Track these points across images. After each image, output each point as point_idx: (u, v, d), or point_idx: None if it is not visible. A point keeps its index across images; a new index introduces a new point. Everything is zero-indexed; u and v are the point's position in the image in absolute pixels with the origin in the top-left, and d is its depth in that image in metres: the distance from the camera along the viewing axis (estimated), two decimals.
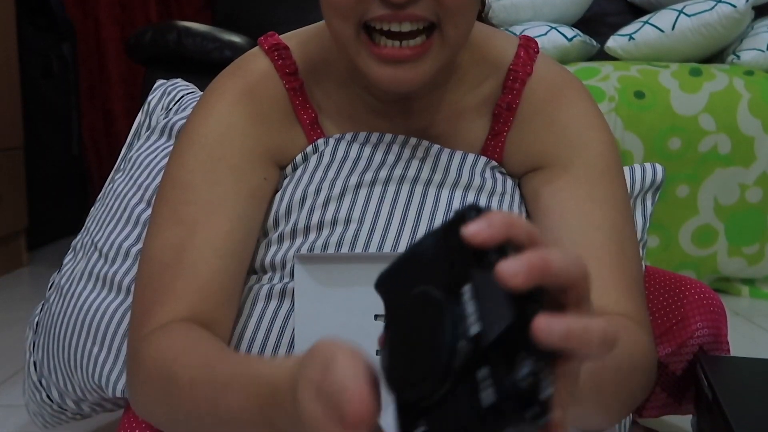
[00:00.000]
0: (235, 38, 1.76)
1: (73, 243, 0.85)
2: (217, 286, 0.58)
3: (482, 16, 0.76)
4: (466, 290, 0.31)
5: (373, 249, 0.64)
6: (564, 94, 0.67)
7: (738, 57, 1.73)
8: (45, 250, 2.26)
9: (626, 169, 0.79)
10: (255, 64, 0.67)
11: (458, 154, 0.67)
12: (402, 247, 0.65)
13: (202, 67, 1.73)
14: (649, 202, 0.80)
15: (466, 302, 0.31)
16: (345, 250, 0.64)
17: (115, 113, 2.62)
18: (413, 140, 0.67)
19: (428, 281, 0.33)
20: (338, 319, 0.60)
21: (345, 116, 0.68)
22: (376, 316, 0.60)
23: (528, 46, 0.69)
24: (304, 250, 0.64)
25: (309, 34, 0.69)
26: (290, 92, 0.67)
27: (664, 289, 0.82)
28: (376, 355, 0.60)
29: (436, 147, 0.67)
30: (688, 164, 1.57)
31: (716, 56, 1.85)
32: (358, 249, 0.64)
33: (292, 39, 0.69)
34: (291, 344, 0.62)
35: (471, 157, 0.67)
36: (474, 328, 0.30)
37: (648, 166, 0.79)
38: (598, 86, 1.60)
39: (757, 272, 1.64)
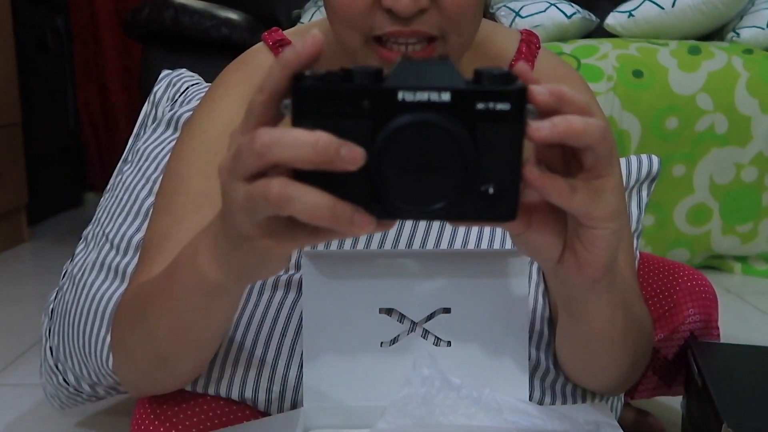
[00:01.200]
0: (232, 15, 1.75)
1: (84, 233, 0.87)
2: None
3: (484, 11, 0.76)
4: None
5: (374, 243, 0.66)
6: (567, 83, 0.69)
7: (738, 35, 1.72)
8: (45, 225, 2.28)
9: (622, 160, 0.80)
10: (259, 59, 0.68)
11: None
12: (402, 242, 0.67)
13: (200, 44, 1.72)
14: (644, 193, 0.81)
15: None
16: (346, 244, 0.65)
17: (111, 86, 2.62)
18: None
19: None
20: (344, 311, 0.62)
21: None
22: (381, 310, 0.62)
23: (530, 41, 0.70)
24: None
25: (311, 30, 0.69)
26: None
27: (657, 276, 0.85)
28: (380, 347, 0.62)
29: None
30: (684, 144, 1.58)
31: (716, 33, 1.85)
32: (360, 243, 0.65)
33: (295, 35, 0.69)
34: (297, 332, 0.64)
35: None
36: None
37: (644, 157, 0.81)
38: (597, 65, 1.60)
39: (750, 250, 1.66)
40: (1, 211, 1.92)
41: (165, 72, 0.91)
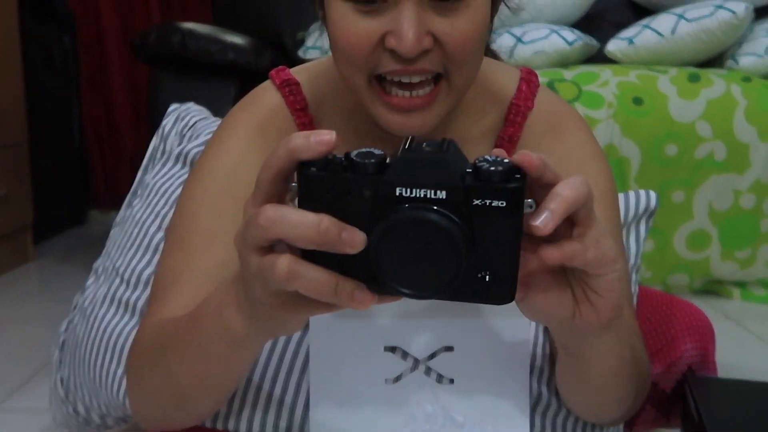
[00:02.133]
0: (238, 40, 1.78)
1: (95, 266, 0.88)
2: None
3: (486, 47, 0.79)
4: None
5: None
6: (563, 126, 0.70)
7: (736, 62, 1.75)
8: (50, 243, 2.29)
9: (621, 196, 0.81)
10: (267, 99, 0.70)
11: None
12: None
13: (206, 67, 1.75)
14: (642, 228, 0.82)
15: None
16: None
17: (116, 103, 2.64)
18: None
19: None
20: (350, 348, 0.64)
21: (352, 147, 0.70)
22: (385, 348, 0.64)
23: (529, 80, 0.72)
24: None
25: (318, 69, 0.72)
26: (300, 128, 0.70)
27: (655, 310, 0.86)
28: (385, 384, 0.64)
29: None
30: (684, 170, 1.60)
31: (715, 59, 1.87)
32: None
33: (302, 74, 0.71)
34: (303, 369, 0.65)
35: None
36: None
37: (642, 192, 0.82)
38: (597, 92, 1.63)
39: (749, 275, 1.68)
40: (7, 231, 1.94)
41: (173, 106, 0.93)
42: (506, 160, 0.39)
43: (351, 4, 0.56)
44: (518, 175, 0.39)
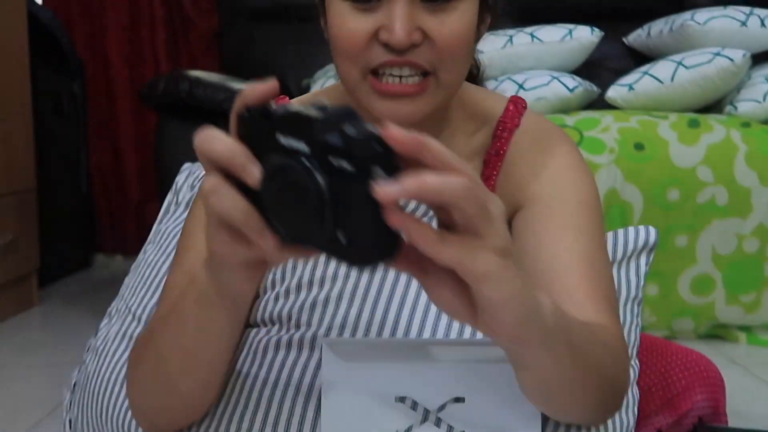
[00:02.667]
0: (244, 87, 1.81)
1: (108, 309, 0.90)
2: None
3: (477, 80, 0.83)
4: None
5: (370, 299, 0.69)
6: (548, 140, 0.74)
7: (735, 108, 1.78)
8: (55, 288, 2.29)
9: (620, 231, 0.82)
10: None
11: None
12: (414, 328, 0.69)
13: (213, 114, 1.78)
14: (643, 261, 0.82)
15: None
16: (345, 301, 0.69)
17: (124, 150, 2.67)
18: (412, 204, 0.73)
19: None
20: (361, 399, 0.64)
21: None
22: (396, 398, 0.64)
23: (517, 102, 0.76)
24: (308, 303, 0.69)
25: (312, 93, 0.78)
26: None
27: (665, 360, 0.86)
28: None
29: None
30: (686, 215, 1.62)
31: (714, 105, 1.90)
32: (357, 300, 0.69)
33: (302, 101, 0.75)
34: (315, 420, 0.65)
35: None
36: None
37: (641, 228, 0.83)
38: (599, 138, 1.65)
39: (755, 320, 1.68)
40: (13, 277, 1.94)
41: (186, 165, 0.97)
42: (376, 132, 0.39)
43: (349, 3, 0.62)
44: (380, 147, 0.39)
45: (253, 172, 0.43)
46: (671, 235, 1.62)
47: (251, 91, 0.45)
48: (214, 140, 0.44)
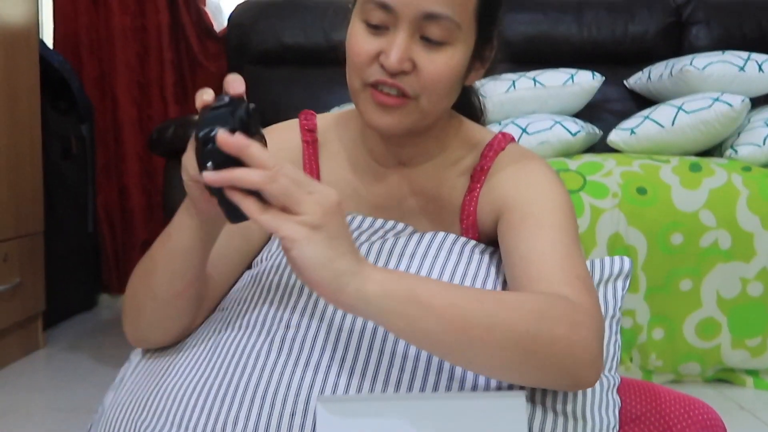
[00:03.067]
0: None
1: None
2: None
3: (480, 122, 0.95)
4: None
5: (378, 383, 0.71)
6: (525, 161, 0.85)
7: (736, 151, 1.80)
8: (60, 329, 2.30)
9: (597, 260, 0.89)
10: (287, 136, 0.89)
11: (439, 236, 0.82)
12: (404, 383, 0.71)
13: None
14: (619, 286, 0.89)
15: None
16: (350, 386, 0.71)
17: (130, 189, 2.69)
18: (400, 225, 0.84)
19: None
20: None
21: (349, 172, 0.88)
22: None
23: (505, 134, 0.89)
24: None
25: (333, 113, 0.92)
26: (304, 144, 0.89)
27: (669, 409, 0.87)
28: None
29: (417, 235, 0.82)
30: (690, 259, 1.62)
31: (715, 148, 1.92)
32: (366, 381, 0.71)
33: (324, 118, 0.91)
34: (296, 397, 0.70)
35: (450, 237, 0.82)
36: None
37: (616, 258, 0.90)
38: (602, 182, 1.67)
39: (761, 363, 1.67)
40: (19, 320, 1.95)
41: None
42: (220, 132, 0.59)
43: (365, 26, 0.76)
44: (213, 147, 0.59)
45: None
46: (676, 279, 1.63)
47: (207, 91, 0.63)
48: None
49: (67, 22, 2.63)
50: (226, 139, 0.58)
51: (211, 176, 0.59)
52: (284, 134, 0.88)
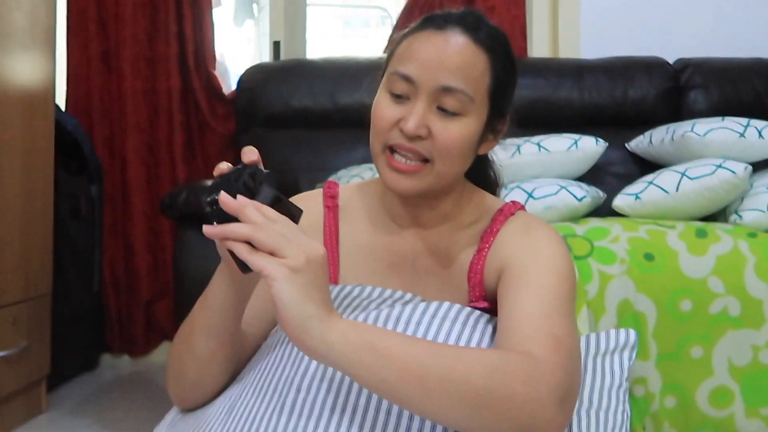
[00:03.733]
0: None
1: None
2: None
3: (495, 190, 1.05)
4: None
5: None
6: (533, 228, 0.91)
7: (740, 217, 1.82)
8: (62, 392, 2.27)
9: (603, 333, 0.94)
10: (312, 202, 0.97)
11: (444, 305, 0.86)
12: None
13: None
14: (626, 356, 0.94)
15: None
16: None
17: (136, 249, 2.70)
18: (408, 295, 0.88)
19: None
20: None
21: (369, 234, 0.95)
22: None
23: (515, 202, 0.97)
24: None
25: (355, 183, 1.01)
26: (325, 209, 0.96)
27: None
28: None
29: (423, 304, 0.86)
30: (700, 326, 1.63)
31: (719, 212, 1.95)
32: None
33: (347, 189, 0.99)
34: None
35: (455, 307, 0.86)
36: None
37: (621, 330, 0.96)
38: (609, 248, 1.68)
39: None
40: (24, 384, 1.93)
41: None
42: (222, 195, 0.71)
43: (389, 95, 0.87)
44: (216, 208, 0.71)
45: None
46: (686, 346, 1.63)
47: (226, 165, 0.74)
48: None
49: (80, 84, 2.69)
50: (225, 201, 0.69)
51: (209, 230, 0.70)
52: (307, 202, 0.96)
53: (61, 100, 2.70)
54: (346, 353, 0.68)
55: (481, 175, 1.02)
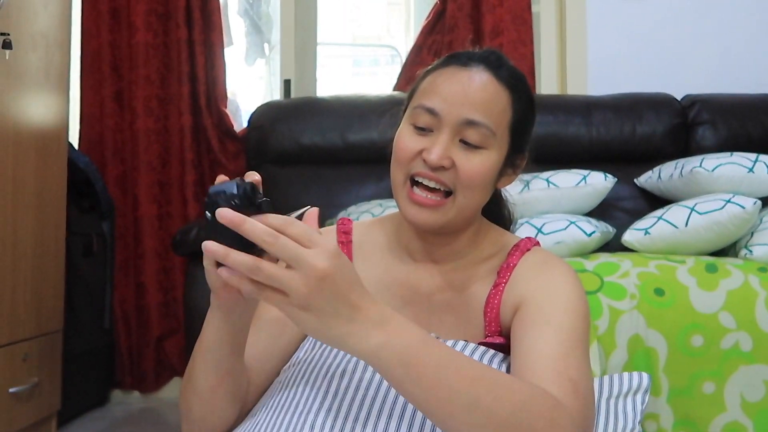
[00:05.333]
0: None
1: None
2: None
3: (509, 227, 1.06)
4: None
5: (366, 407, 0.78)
6: (550, 264, 0.92)
7: (750, 251, 1.81)
8: (73, 428, 2.27)
9: (616, 375, 0.95)
10: (325, 227, 0.97)
11: (459, 344, 0.86)
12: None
13: None
14: (639, 400, 0.96)
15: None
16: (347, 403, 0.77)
17: (147, 286, 2.71)
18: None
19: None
20: None
21: (382, 269, 0.95)
22: None
23: (531, 239, 0.98)
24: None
25: (369, 220, 1.02)
26: (339, 244, 0.96)
27: None
28: None
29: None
30: (712, 361, 1.61)
31: (729, 247, 1.94)
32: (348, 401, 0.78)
33: (360, 226, 1.00)
34: None
35: (469, 347, 0.87)
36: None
37: (635, 374, 0.98)
38: (619, 283, 1.68)
39: None
40: (36, 420, 1.93)
41: None
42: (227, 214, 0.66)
43: (413, 128, 0.89)
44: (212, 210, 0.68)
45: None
46: (698, 382, 1.61)
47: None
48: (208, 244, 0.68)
49: (93, 124, 2.74)
50: (224, 213, 0.65)
51: (223, 270, 0.67)
52: (323, 235, 0.96)
53: (74, 139, 2.76)
54: (377, 365, 0.69)
55: (496, 211, 1.04)
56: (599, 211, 2.19)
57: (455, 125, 0.87)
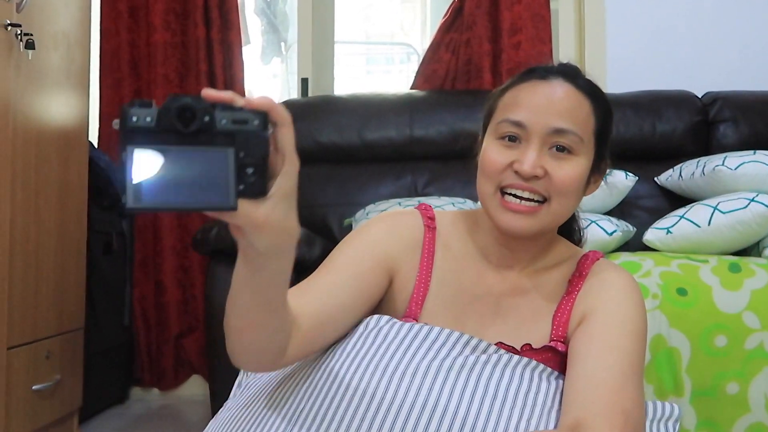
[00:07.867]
0: None
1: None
2: (320, 305, 0.85)
3: (579, 243, 1.10)
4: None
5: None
6: (619, 274, 0.95)
7: None
8: (92, 426, 2.29)
9: (649, 403, 0.94)
10: (407, 218, 0.99)
11: (505, 357, 0.87)
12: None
13: None
14: (671, 427, 0.95)
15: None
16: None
17: (166, 284, 2.73)
18: (483, 344, 0.87)
19: None
20: None
21: (461, 259, 0.97)
22: None
23: (596, 252, 1.02)
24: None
25: (448, 212, 1.03)
26: (425, 227, 0.98)
27: None
28: None
29: (496, 355, 0.86)
30: (735, 361, 1.60)
31: (752, 246, 1.92)
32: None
33: (443, 215, 1.02)
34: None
35: (515, 359, 0.87)
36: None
37: (667, 404, 0.97)
38: (642, 282, 1.66)
39: None
40: (58, 417, 1.95)
41: None
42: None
43: (500, 141, 0.91)
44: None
45: None
46: (722, 382, 1.60)
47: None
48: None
49: (112, 121, 2.75)
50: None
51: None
52: (408, 218, 1.00)
53: (93, 138, 2.77)
54: None
55: (568, 228, 1.07)
56: (619, 210, 2.18)
57: (543, 135, 0.89)
